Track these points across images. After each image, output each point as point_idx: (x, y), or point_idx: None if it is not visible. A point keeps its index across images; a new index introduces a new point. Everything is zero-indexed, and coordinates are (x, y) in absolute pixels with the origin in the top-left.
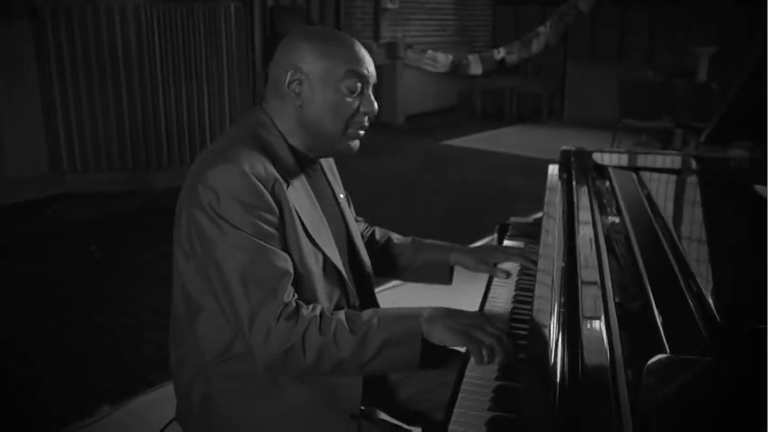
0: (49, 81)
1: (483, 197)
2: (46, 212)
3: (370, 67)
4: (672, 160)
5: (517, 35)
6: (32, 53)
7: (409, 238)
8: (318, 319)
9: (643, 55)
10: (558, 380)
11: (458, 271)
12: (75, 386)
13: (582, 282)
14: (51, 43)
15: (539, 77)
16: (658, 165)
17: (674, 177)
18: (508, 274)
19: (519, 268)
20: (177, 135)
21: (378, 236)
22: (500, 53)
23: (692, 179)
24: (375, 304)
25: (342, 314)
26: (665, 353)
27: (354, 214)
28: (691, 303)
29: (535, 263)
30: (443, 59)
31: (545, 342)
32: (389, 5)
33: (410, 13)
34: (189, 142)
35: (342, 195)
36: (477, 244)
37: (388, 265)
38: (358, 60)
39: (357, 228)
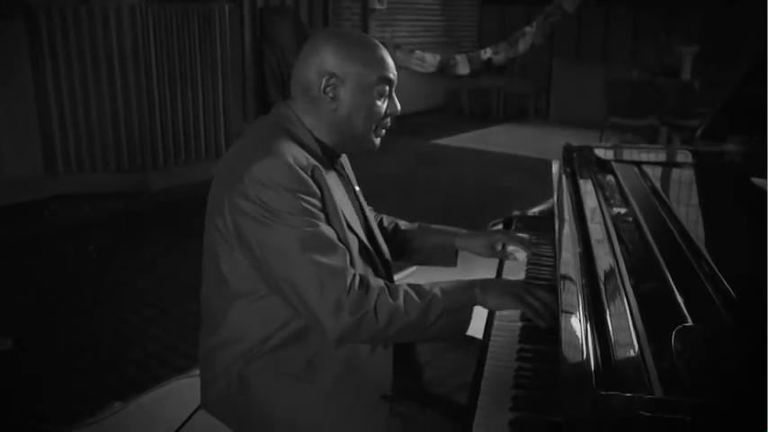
0: (44, 82)
1: (475, 195)
2: (42, 213)
3: (394, 71)
4: (671, 154)
5: (503, 35)
6: (27, 54)
7: (416, 224)
8: (386, 287)
9: (627, 54)
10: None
11: (470, 257)
12: (85, 383)
13: (600, 264)
14: (46, 44)
15: (525, 77)
16: (659, 159)
17: (674, 170)
18: (516, 258)
19: (526, 255)
20: (173, 135)
21: (386, 223)
22: (487, 53)
23: (691, 171)
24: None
25: (405, 284)
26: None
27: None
28: (705, 282)
29: (545, 255)
30: (431, 59)
31: (576, 320)
32: (377, 6)
33: (398, 14)
34: (184, 143)
35: (357, 188)
36: None
37: (397, 249)
38: (387, 66)
39: (372, 218)
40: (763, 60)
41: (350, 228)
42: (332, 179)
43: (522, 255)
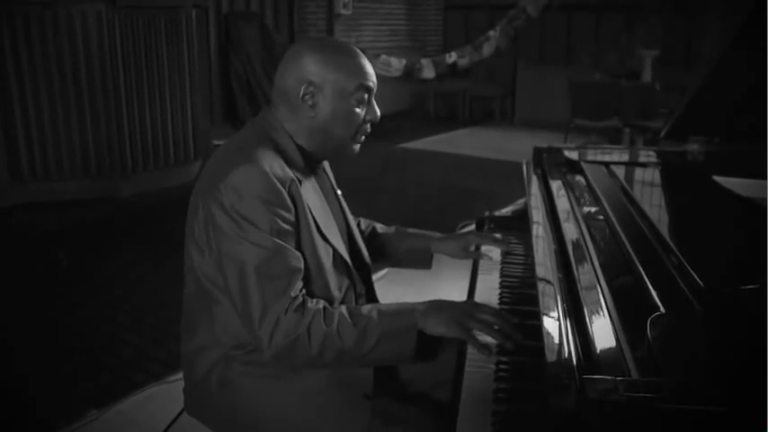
0: (8, 89)
1: (443, 197)
2: (9, 222)
3: (374, 78)
4: (638, 154)
5: (468, 39)
6: None
7: (392, 228)
8: (322, 312)
9: (590, 57)
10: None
11: (444, 258)
12: (59, 392)
13: (575, 261)
14: (9, 50)
15: (490, 80)
16: (626, 159)
17: (641, 169)
18: (491, 258)
19: (500, 253)
20: (141, 141)
21: (363, 226)
22: (452, 57)
23: (657, 170)
24: (374, 291)
25: (343, 308)
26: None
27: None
28: (675, 273)
29: (518, 254)
30: (397, 64)
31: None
32: (343, 11)
33: (363, 19)
34: (153, 148)
35: (339, 192)
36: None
37: (374, 252)
38: (366, 74)
39: (354, 222)
40: (722, 64)
41: (324, 238)
42: (310, 188)
43: (496, 253)
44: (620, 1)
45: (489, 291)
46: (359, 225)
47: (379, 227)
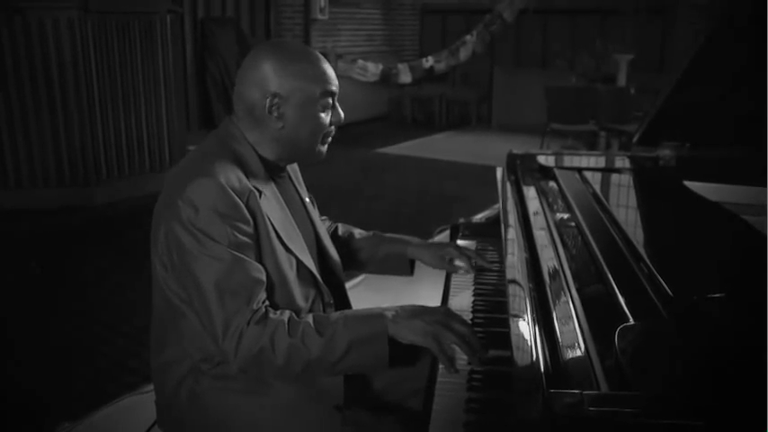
0: None
1: (420, 202)
2: None
3: (336, 81)
4: (610, 160)
5: (444, 44)
6: None
7: (371, 233)
8: (286, 322)
9: (566, 62)
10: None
11: (420, 263)
12: (32, 404)
13: (546, 269)
14: None
15: (467, 85)
16: (599, 165)
17: (613, 175)
18: (467, 271)
19: (473, 265)
20: (115, 148)
21: (340, 231)
22: (428, 62)
23: (629, 176)
24: (347, 299)
25: (310, 317)
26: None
27: (318, 214)
28: (644, 281)
29: (492, 261)
30: (373, 69)
31: (524, 323)
32: (319, 16)
33: (340, 24)
34: (127, 156)
35: (307, 198)
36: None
37: (351, 258)
38: (329, 79)
39: (324, 228)
40: (691, 70)
41: (286, 248)
42: (272, 198)
43: (467, 271)
44: (594, 5)
45: (463, 299)
46: (336, 230)
47: (358, 232)
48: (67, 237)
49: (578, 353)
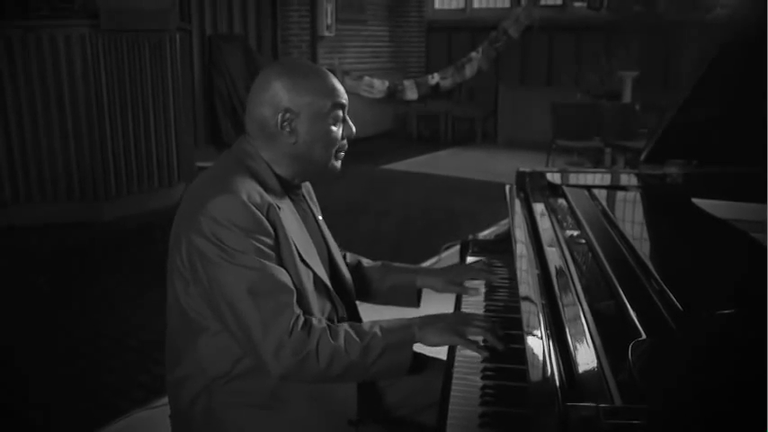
0: None
1: (427, 219)
2: None
3: (345, 95)
4: (618, 178)
5: (450, 61)
6: None
7: (379, 263)
8: (328, 328)
9: (571, 78)
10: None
11: (426, 290)
12: (40, 420)
13: (558, 285)
14: None
15: (472, 101)
16: (607, 182)
17: (621, 193)
18: (477, 291)
19: (485, 283)
20: (125, 164)
21: (348, 260)
22: (434, 78)
23: (637, 194)
24: (358, 315)
25: (346, 324)
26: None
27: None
28: (655, 298)
29: (502, 278)
30: (380, 85)
31: (538, 339)
32: (326, 33)
33: (346, 41)
34: (136, 171)
35: (320, 217)
36: (428, 263)
37: (359, 288)
38: (338, 92)
39: (336, 247)
40: (699, 88)
41: (304, 262)
42: (288, 214)
43: (480, 283)
44: (600, 23)
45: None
46: (344, 258)
47: (366, 261)
48: (76, 252)
49: (592, 367)
